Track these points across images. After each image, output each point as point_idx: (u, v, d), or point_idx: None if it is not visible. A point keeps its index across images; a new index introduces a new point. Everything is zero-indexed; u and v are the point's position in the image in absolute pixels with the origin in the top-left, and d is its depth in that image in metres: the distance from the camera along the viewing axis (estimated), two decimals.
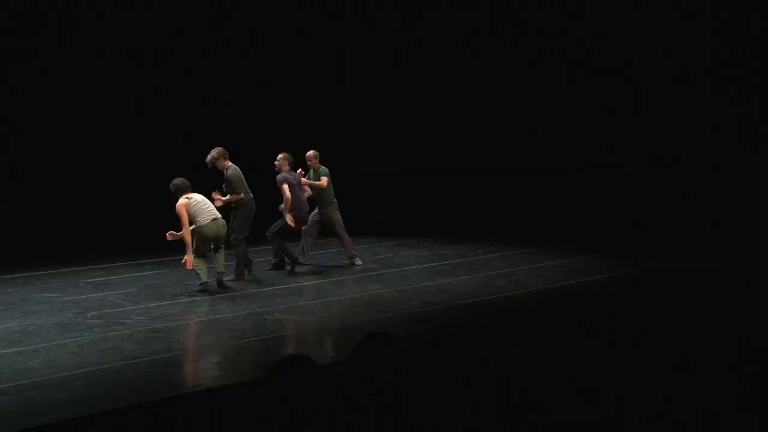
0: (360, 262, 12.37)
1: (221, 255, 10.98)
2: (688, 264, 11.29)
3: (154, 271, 12.32)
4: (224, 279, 11.07)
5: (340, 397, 4.10)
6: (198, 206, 10.75)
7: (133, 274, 12.12)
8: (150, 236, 13.95)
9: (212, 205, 10.95)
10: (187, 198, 10.72)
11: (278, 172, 11.86)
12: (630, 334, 6.89)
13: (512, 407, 4.81)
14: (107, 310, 9.95)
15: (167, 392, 6.92)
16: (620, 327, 7.64)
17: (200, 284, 10.81)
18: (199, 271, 10.77)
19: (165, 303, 10.31)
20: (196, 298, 10.56)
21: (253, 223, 11.55)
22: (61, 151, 14.31)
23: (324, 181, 12.22)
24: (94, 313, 9.83)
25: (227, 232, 11.01)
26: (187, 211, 10.67)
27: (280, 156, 11.94)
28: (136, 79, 14.83)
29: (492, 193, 15.17)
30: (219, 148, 11.38)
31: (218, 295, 10.76)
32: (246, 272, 11.63)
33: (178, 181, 10.82)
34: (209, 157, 11.32)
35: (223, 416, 6.43)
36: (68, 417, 6.35)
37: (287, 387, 4.04)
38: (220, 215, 10.91)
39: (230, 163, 11.40)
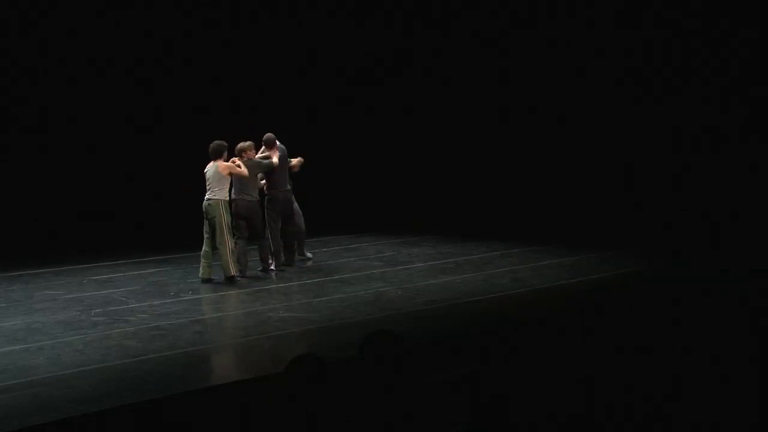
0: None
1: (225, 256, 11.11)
2: (688, 264, 11.31)
3: (158, 269, 12.33)
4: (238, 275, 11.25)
5: (345, 394, 4.12)
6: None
7: (137, 272, 12.11)
8: (153, 234, 14.08)
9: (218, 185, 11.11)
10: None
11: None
12: (631, 334, 6.91)
13: (513, 406, 4.83)
14: (111, 308, 9.97)
15: (171, 390, 6.95)
16: (621, 326, 7.66)
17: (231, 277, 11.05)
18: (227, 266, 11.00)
19: (168, 300, 10.33)
20: (200, 296, 10.59)
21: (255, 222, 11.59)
22: (63, 150, 14.35)
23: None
24: (98, 310, 9.85)
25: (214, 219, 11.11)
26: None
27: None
28: (136, 78, 14.87)
29: (494, 191, 15.18)
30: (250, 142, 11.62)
31: (222, 293, 10.78)
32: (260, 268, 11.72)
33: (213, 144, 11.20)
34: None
35: (227, 414, 6.45)
36: (72, 414, 6.38)
37: (296, 385, 4.06)
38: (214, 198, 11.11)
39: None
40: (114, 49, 14.70)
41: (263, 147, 11.84)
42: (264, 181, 11.83)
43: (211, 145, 11.25)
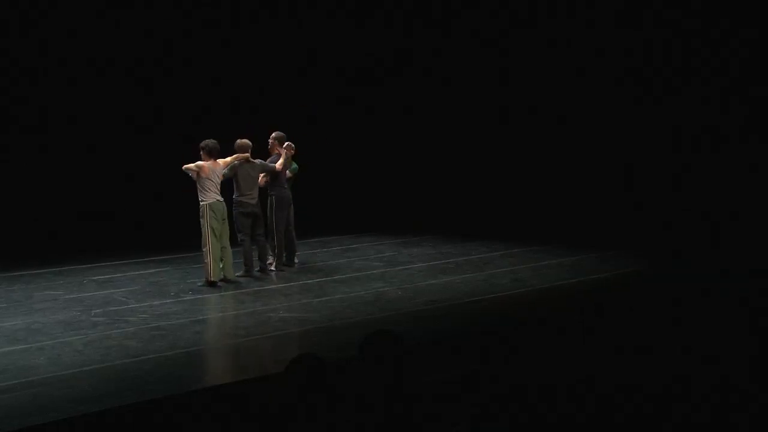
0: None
1: (228, 259, 11.08)
2: (688, 264, 11.32)
3: (158, 269, 12.33)
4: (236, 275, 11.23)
5: (346, 394, 4.12)
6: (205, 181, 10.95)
7: (137, 272, 12.10)
8: (153, 234, 14.08)
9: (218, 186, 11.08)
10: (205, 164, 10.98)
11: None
12: (631, 334, 6.91)
13: (513, 406, 4.83)
14: (111, 308, 9.97)
15: (171, 390, 6.94)
16: (621, 326, 7.66)
17: (204, 282, 10.94)
18: (208, 267, 10.91)
19: (169, 301, 10.33)
20: (200, 296, 10.58)
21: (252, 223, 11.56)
22: (63, 150, 14.36)
23: None
24: (98, 310, 9.84)
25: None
26: (198, 175, 10.90)
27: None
28: (136, 78, 14.88)
29: (494, 191, 15.19)
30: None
31: (222, 294, 10.78)
32: (255, 269, 11.66)
33: (209, 142, 11.06)
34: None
35: (227, 414, 6.45)
36: (72, 414, 6.38)
37: (296, 385, 4.06)
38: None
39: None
40: (114, 49, 14.70)
41: (271, 143, 11.87)
42: (266, 180, 11.84)
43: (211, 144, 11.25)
